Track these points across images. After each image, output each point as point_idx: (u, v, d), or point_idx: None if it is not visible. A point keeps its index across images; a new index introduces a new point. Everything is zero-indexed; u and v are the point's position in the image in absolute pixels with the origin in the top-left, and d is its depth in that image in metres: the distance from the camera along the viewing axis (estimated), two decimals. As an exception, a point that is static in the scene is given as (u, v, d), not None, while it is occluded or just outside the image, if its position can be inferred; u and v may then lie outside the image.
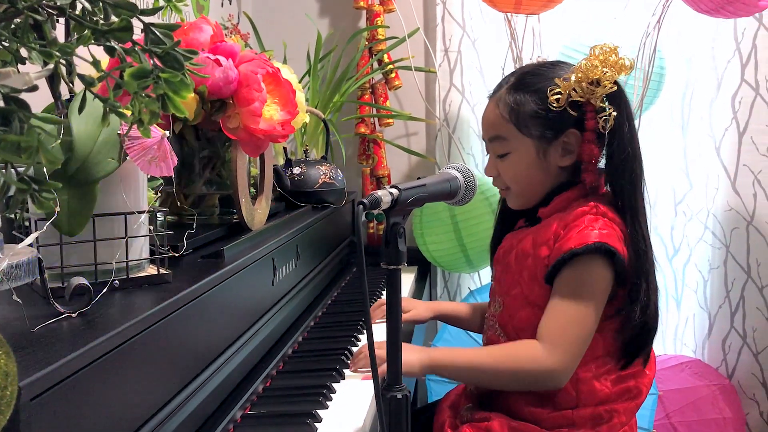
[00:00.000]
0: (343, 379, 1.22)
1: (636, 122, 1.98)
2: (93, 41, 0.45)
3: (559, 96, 1.23)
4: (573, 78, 1.23)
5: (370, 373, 0.93)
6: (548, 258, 1.23)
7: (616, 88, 1.24)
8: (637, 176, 1.26)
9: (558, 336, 1.19)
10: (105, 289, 0.84)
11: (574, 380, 1.23)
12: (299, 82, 1.66)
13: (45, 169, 0.57)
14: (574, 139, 1.26)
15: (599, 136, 1.25)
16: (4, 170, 0.39)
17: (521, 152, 1.28)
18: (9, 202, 0.44)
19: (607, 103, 1.24)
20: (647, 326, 1.24)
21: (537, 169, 1.29)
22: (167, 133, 0.90)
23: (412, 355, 1.21)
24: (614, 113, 1.23)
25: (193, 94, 1.18)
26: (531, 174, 1.29)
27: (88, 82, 0.43)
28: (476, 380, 1.32)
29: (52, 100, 0.64)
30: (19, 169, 0.42)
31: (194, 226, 1.16)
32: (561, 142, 1.27)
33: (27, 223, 0.93)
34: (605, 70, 1.21)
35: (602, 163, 1.29)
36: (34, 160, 0.38)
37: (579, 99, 1.23)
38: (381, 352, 1.00)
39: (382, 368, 0.96)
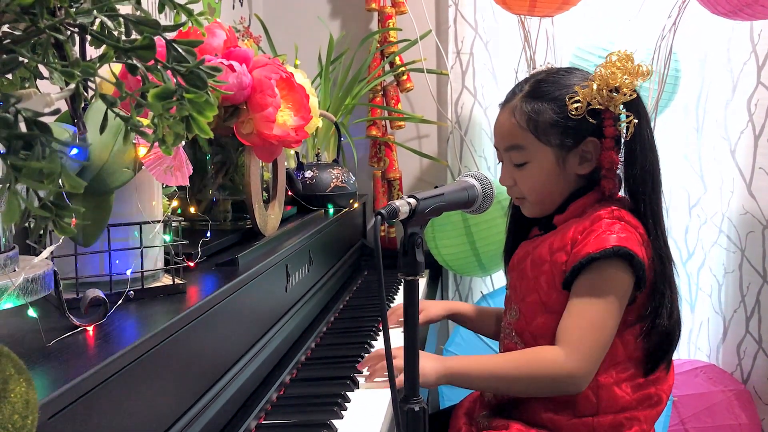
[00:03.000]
0: (358, 387, 1.20)
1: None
2: (114, 59, 0.44)
3: (578, 104, 1.22)
4: (594, 86, 1.22)
5: (387, 383, 0.91)
6: (566, 264, 1.22)
7: (635, 95, 1.23)
8: (657, 182, 1.27)
9: (578, 340, 1.18)
10: (120, 301, 0.83)
11: (595, 386, 1.22)
12: (311, 84, 1.64)
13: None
14: (592, 147, 1.26)
15: (617, 143, 1.25)
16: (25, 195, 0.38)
17: (540, 161, 1.27)
18: (30, 227, 0.42)
19: (624, 110, 1.23)
20: (672, 332, 1.24)
21: (556, 178, 1.28)
22: (182, 141, 0.89)
23: (428, 363, 1.19)
24: (635, 120, 1.22)
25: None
26: (550, 182, 1.28)
27: (110, 102, 0.41)
28: (494, 388, 1.29)
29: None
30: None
31: (208, 233, 1.15)
32: (580, 150, 1.26)
33: (41, 232, 0.92)
34: (625, 77, 1.20)
35: (619, 170, 1.28)
36: (57, 186, 0.37)
37: (598, 107, 1.22)
38: (398, 361, 0.99)
39: (400, 378, 0.94)
